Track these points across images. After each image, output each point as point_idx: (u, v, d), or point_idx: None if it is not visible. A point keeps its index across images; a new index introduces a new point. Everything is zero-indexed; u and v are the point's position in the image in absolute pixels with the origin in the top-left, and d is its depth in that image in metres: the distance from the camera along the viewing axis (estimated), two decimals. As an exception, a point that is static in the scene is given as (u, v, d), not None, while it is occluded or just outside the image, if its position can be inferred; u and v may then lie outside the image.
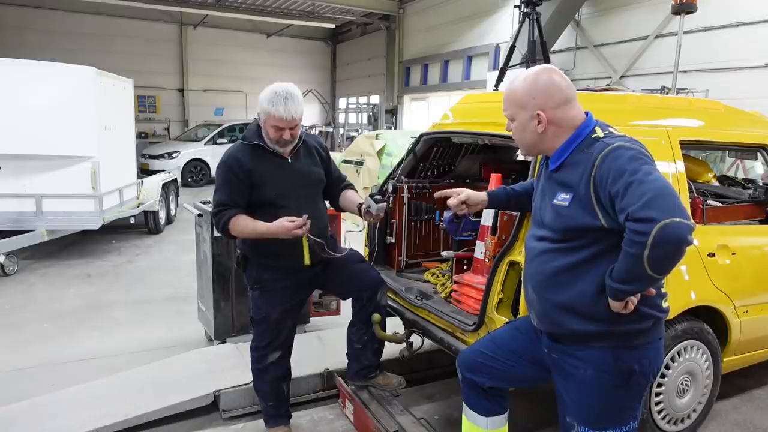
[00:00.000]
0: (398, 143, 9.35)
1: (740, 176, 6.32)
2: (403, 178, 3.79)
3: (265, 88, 2.67)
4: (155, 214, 8.35)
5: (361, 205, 2.86)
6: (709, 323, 2.95)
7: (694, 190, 3.11)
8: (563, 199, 1.88)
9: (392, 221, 3.78)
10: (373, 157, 9.57)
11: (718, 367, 3.06)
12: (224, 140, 15.08)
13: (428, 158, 3.88)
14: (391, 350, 3.46)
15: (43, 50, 16.33)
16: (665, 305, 1.94)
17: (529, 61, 9.60)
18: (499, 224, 2.90)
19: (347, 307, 3.19)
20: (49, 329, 4.73)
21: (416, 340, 3.30)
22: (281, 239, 2.64)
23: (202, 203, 4.20)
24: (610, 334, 1.86)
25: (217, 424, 3.24)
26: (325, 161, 2.96)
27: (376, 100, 20.28)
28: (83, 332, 4.68)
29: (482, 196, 2.46)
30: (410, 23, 18.58)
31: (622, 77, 11.19)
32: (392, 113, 18.98)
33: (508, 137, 2.90)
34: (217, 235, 3.91)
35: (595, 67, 11.86)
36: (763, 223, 3.49)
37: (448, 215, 2.98)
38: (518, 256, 2.57)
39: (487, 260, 2.93)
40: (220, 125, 16.02)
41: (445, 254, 3.42)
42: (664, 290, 1.93)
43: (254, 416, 3.25)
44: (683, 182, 2.89)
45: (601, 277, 1.80)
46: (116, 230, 8.23)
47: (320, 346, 3.98)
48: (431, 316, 3.12)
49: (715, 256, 2.91)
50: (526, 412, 3.28)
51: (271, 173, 2.71)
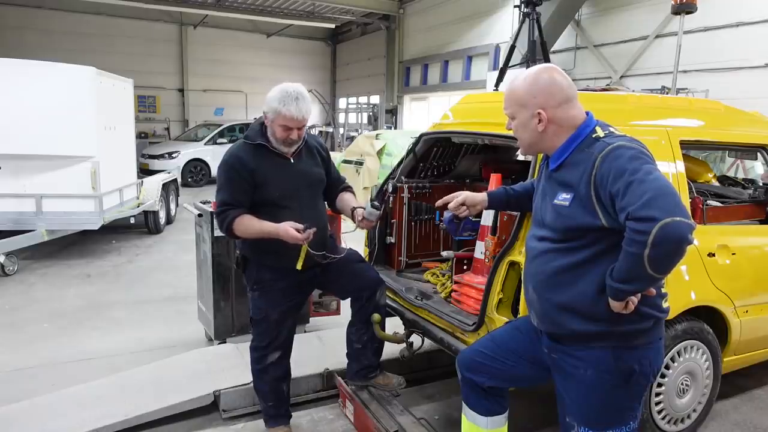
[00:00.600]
0: (398, 143, 9.36)
1: (740, 176, 6.32)
2: (403, 178, 3.79)
3: (273, 88, 2.65)
4: (155, 214, 8.35)
5: (354, 209, 2.85)
6: (709, 323, 2.95)
7: (694, 190, 3.11)
8: (564, 198, 1.88)
9: (392, 221, 3.78)
10: (373, 157, 9.58)
11: (718, 367, 3.06)
12: (224, 140, 15.09)
13: (428, 158, 3.88)
14: (391, 350, 3.46)
15: (43, 50, 16.33)
16: (665, 305, 1.94)
17: (529, 61, 9.60)
18: (499, 224, 2.90)
19: (347, 307, 3.19)
20: (49, 329, 4.73)
21: (416, 340, 3.30)
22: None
23: (202, 203, 4.21)
24: (610, 334, 1.86)
25: (217, 424, 3.24)
26: (325, 162, 2.96)
27: (376, 100, 20.28)
28: (83, 332, 4.68)
29: (482, 196, 2.46)
30: (410, 23, 18.58)
31: (622, 77, 11.19)
32: (392, 113, 18.98)
33: (508, 137, 2.91)
34: (217, 235, 3.92)
35: (595, 67, 11.86)
36: (763, 223, 3.49)
37: (448, 215, 2.97)
38: (518, 256, 2.57)
39: (487, 260, 2.93)
40: (220, 125, 16.03)
41: (445, 254, 3.42)
42: (664, 290, 1.93)
43: (254, 416, 3.25)
44: (683, 182, 2.88)
45: (601, 277, 1.80)
46: (116, 230, 8.23)
47: (320, 346, 3.98)
48: (431, 316, 3.12)
49: (715, 256, 2.91)
50: (526, 412, 3.28)
51: (274, 173, 2.71)
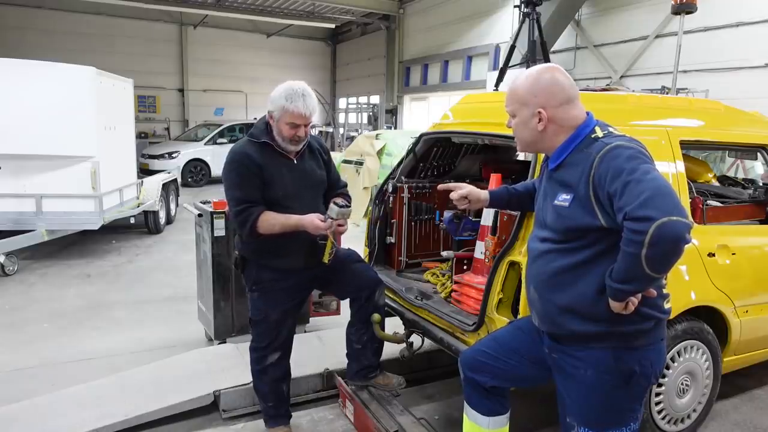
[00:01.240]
0: (398, 143, 9.36)
1: (740, 176, 6.32)
2: (403, 178, 3.79)
3: (274, 87, 2.65)
4: (155, 214, 8.35)
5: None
6: (709, 323, 2.95)
7: (694, 190, 3.11)
8: (563, 199, 1.88)
9: (392, 221, 3.78)
10: (373, 157, 9.58)
11: (718, 367, 3.06)
12: (224, 140, 15.09)
13: (428, 158, 3.88)
14: (391, 350, 3.47)
15: (43, 50, 16.32)
16: (667, 306, 1.94)
17: (529, 61, 9.60)
18: (499, 224, 2.91)
19: (347, 307, 3.19)
20: (49, 329, 4.73)
21: (416, 340, 3.30)
22: (293, 239, 2.65)
23: (202, 203, 4.20)
24: (610, 334, 1.85)
25: (217, 424, 3.24)
26: (326, 163, 2.95)
27: (376, 100, 20.27)
28: (83, 332, 4.68)
29: (484, 194, 2.48)
30: (410, 23, 18.57)
31: (622, 77, 11.19)
32: (392, 113, 18.97)
33: (508, 137, 2.90)
34: (217, 235, 3.92)
35: (595, 67, 11.86)
36: (763, 223, 3.49)
37: (448, 215, 2.98)
38: (518, 256, 2.57)
39: (487, 260, 2.93)
40: (220, 125, 16.02)
41: (445, 254, 3.42)
42: (665, 291, 1.93)
43: (254, 416, 3.25)
44: (683, 182, 2.89)
45: (601, 277, 1.80)
46: (116, 230, 8.23)
47: (320, 346, 3.98)
48: (431, 316, 3.12)
49: (715, 256, 2.91)
50: (526, 412, 3.28)
51: (278, 173, 2.70)
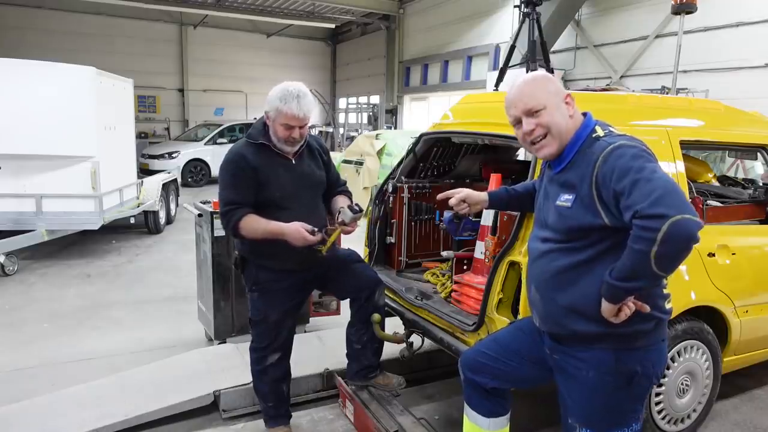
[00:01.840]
0: (398, 143, 9.37)
1: (740, 176, 6.32)
2: (403, 178, 3.79)
3: (274, 87, 2.64)
4: (155, 214, 8.34)
5: (340, 210, 2.82)
6: (709, 323, 2.95)
7: (694, 190, 3.11)
8: (566, 200, 1.88)
9: (392, 221, 3.78)
10: (373, 157, 9.58)
11: (718, 367, 3.06)
12: (224, 140, 15.08)
13: (428, 158, 3.88)
14: (391, 350, 3.46)
15: (43, 50, 16.32)
16: (668, 306, 1.93)
17: (529, 61, 9.59)
18: (499, 224, 2.90)
19: (347, 307, 3.19)
20: (49, 329, 4.73)
21: (416, 340, 3.29)
22: (286, 242, 2.60)
23: (202, 203, 4.20)
24: (611, 335, 1.85)
25: (217, 424, 3.24)
26: (326, 163, 2.94)
27: (376, 100, 20.28)
28: (83, 332, 4.68)
29: (483, 195, 2.47)
30: (410, 23, 18.58)
31: (622, 77, 11.19)
32: (392, 113, 18.97)
33: (508, 137, 2.91)
34: (217, 235, 3.92)
35: (595, 67, 11.86)
36: (763, 223, 3.50)
37: (448, 215, 2.98)
38: (518, 256, 2.57)
39: (487, 260, 2.93)
40: (220, 125, 16.02)
41: (445, 254, 3.42)
42: (666, 291, 1.93)
43: (254, 416, 3.25)
44: (683, 182, 2.88)
45: (603, 277, 1.80)
46: (116, 230, 8.23)
47: (320, 346, 3.98)
48: (431, 316, 3.12)
49: (715, 256, 2.91)
50: (526, 412, 3.28)
51: (275, 173, 2.69)
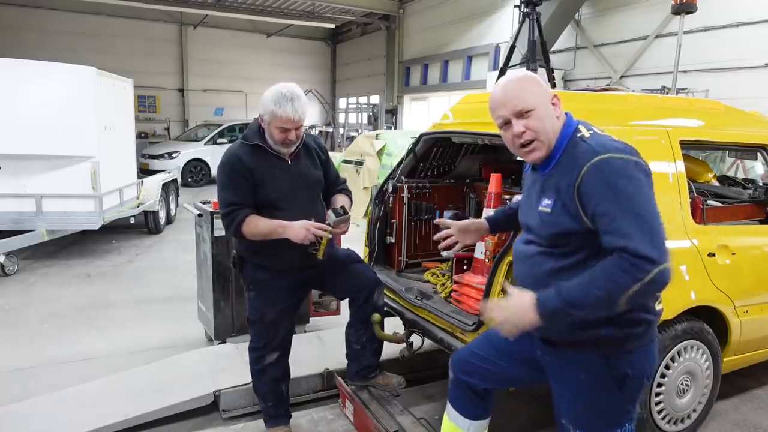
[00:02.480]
0: (398, 143, 9.36)
1: (740, 176, 6.32)
2: (403, 178, 3.79)
3: (267, 89, 2.63)
4: (155, 214, 8.34)
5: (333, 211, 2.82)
6: (709, 323, 2.95)
7: (694, 190, 3.11)
8: (546, 205, 1.84)
9: (392, 221, 3.78)
10: (373, 157, 9.58)
11: (718, 367, 3.06)
12: (224, 140, 15.09)
13: (428, 158, 3.88)
14: (391, 350, 3.47)
15: (42, 50, 16.36)
16: (658, 307, 1.91)
17: (529, 61, 9.60)
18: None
19: (347, 306, 3.19)
20: (49, 329, 4.73)
21: (416, 340, 3.29)
22: (286, 239, 2.60)
23: (202, 203, 4.20)
24: (601, 339, 1.83)
25: (217, 424, 3.24)
26: (324, 163, 2.94)
27: (376, 100, 20.28)
28: (83, 332, 4.68)
29: (482, 222, 2.43)
30: (410, 23, 18.58)
31: (622, 77, 11.20)
32: (392, 113, 18.98)
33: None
34: (217, 235, 3.92)
35: (595, 67, 11.87)
36: (763, 223, 3.50)
37: (448, 215, 2.98)
38: (518, 256, 2.57)
39: (487, 260, 2.93)
40: (220, 125, 16.02)
41: (445, 254, 3.41)
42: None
43: (254, 416, 3.25)
44: (683, 182, 2.89)
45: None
46: (116, 230, 8.23)
47: (320, 346, 3.98)
48: (431, 316, 3.12)
49: (715, 256, 2.91)
50: (525, 412, 3.29)
51: (271, 174, 2.69)
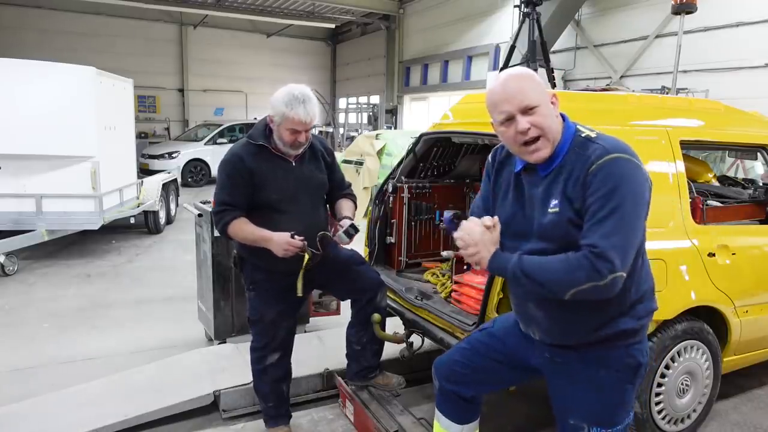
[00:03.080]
0: (398, 143, 9.36)
1: (740, 176, 6.32)
2: (403, 178, 3.79)
3: (278, 90, 2.62)
4: (155, 214, 8.35)
5: (340, 219, 2.82)
6: (709, 323, 2.95)
7: (694, 190, 3.11)
8: (554, 205, 1.79)
9: (392, 221, 3.78)
10: (373, 157, 9.57)
11: (718, 367, 3.06)
12: (224, 140, 15.09)
13: (428, 158, 3.88)
14: (391, 350, 3.46)
15: (42, 50, 16.35)
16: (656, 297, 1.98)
17: (529, 61, 9.60)
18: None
19: (347, 306, 3.19)
20: (49, 329, 4.73)
21: (416, 340, 3.29)
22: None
23: (202, 203, 4.20)
24: (621, 333, 1.85)
25: (217, 424, 3.24)
26: (329, 166, 2.91)
27: (376, 100, 20.28)
28: (83, 332, 4.68)
29: None
30: (410, 23, 18.58)
31: (622, 77, 11.20)
32: (392, 113, 18.98)
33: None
34: (217, 235, 3.92)
35: (595, 67, 11.87)
36: (763, 223, 3.49)
37: (447, 215, 2.98)
38: (518, 256, 2.57)
39: (487, 260, 2.92)
40: (220, 125, 16.02)
41: (445, 254, 3.42)
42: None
43: (254, 416, 3.25)
44: (683, 182, 2.89)
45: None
46: (116, 230, 8.23)
47: (320, 346, 3.98)
48: (431, 316, 3.12)
49: (715, 256, 2.91)
50: (524, 412, 3.29)
51: (273, 175, 2.68)
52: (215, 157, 14.30)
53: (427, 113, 18.02)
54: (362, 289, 3.00)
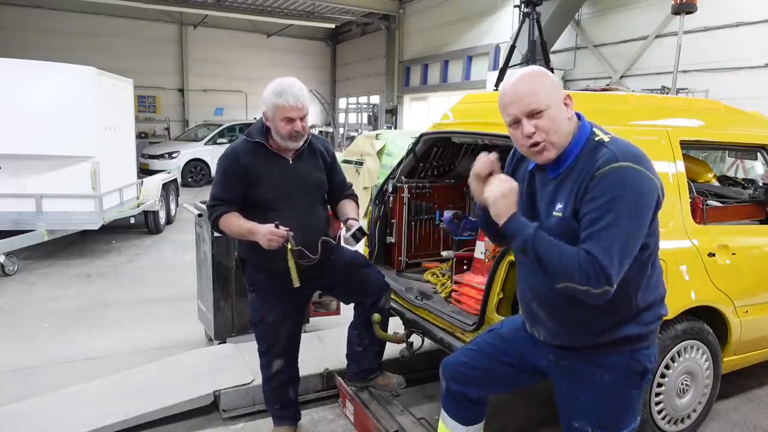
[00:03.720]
0: (398, 143, 9.35)
1: (740, 176, 6.32)
2: (403, 178, 3.79)
3: (267, 86, 2.62)
4: (155, 214, 8.35)
5: (346, 221, 2.80)
6: (709, 323, 2.95)
7: (694, 190, 3.11)
8: (558, 209, 1.79)
9: (392, 221, 3.78)
10: (373, 157, 9.57)
11: (718, 367, 3.06)
12: (224, 140, 15.07)
13: (428, 158, 3.88)
14: (391, 350, 3.46)
15: (42, 50, 16.34)
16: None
17: (529, 61, 9.60)
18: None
19: (347, 306, 3.18)
20: (49, 329, 4.73)
21: (416, 340, 3.29)
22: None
23: (202, 203, 4.20)
24: (625, 338, 1.84)
25: (217, 424, 3.24)
26: (329, 166, 2.89)
27: (376, 100, 20.29)
28: (83, 332, 4.68)
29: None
30: (410, 23, 18.58)
31: (622, 77, 11.19)
32: (392, 113, 18.98)
33: (508, 137, 2.90)
34: (217, 235, 3.92)
35: (595, 67, 11.87)
36: (763, 223, 3.50)
37: (448, 215, 2.99)
38: (518, 256, 2.57)
39: (487, 260, 2.93)
40: (220, 125, 16.02)
41: (445, 254, 3.42)
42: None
43: (254, 416, 3.25)
44: (683, 182, 2.89)
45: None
46: (116, 230, 8.23)
47: (320, 346, 3.98)
48: (431, 316, 3.12)
49: (715, 256, 2.91)
50: (525, 412, 3.29)
51: (269, 173, 2.67)
52: (215, 157, 14.05)
53: (427, 113, 18.02)
54: (366, 291, 2.98)
